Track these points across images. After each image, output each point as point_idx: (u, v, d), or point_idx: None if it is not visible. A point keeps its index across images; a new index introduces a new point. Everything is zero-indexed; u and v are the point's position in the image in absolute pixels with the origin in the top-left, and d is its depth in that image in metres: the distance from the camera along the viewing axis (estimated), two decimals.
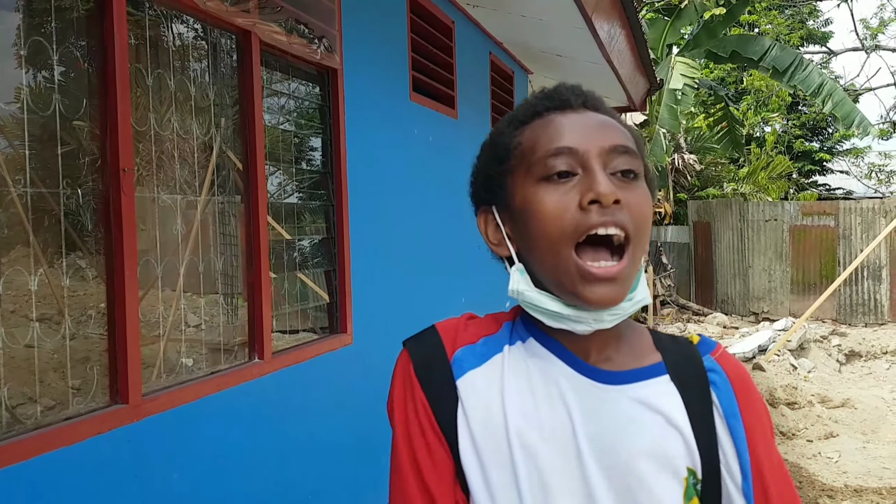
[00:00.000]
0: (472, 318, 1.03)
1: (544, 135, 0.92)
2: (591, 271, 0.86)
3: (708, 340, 0.99)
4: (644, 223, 0.90)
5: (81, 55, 1.88)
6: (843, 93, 11.40)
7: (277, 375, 2.62)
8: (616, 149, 0.90)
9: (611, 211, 0.86)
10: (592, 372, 0.93)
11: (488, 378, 0.94)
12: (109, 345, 1.91)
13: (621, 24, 4.88)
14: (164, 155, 2.19)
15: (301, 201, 3.03)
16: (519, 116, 0.98)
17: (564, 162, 0.89)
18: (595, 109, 0.95)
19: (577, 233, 0.87)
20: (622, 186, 0.88)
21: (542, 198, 0.89)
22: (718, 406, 0.93)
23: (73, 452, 1.73)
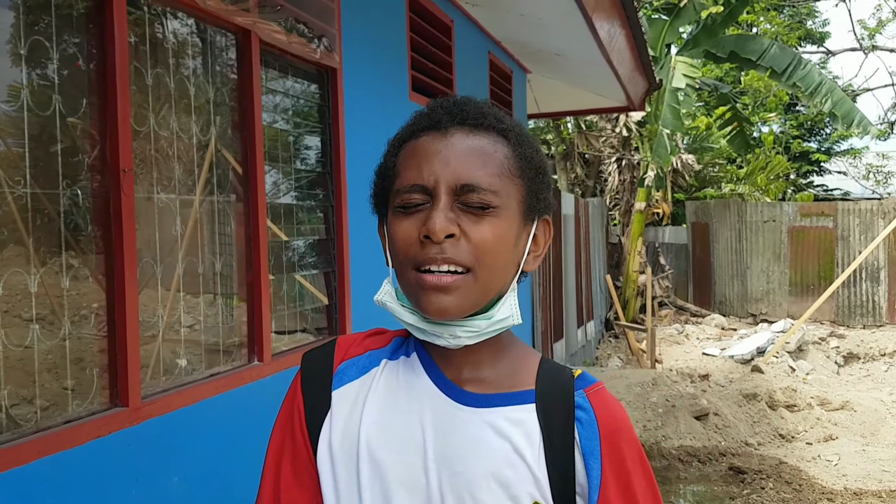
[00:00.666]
0: (376, 333, 1.07)
1: (407, 164, 0.95)
2: (426, 280, 0.90)
3: (588, 376, 0.99)
4: (489, 252, 0.91)
5: (81, 54, 1.87)
6: (842, 92, 11.40)
7: (277, 378, 2.60)
8: (465, 188, 0.91)
9: (445, 247, 0.89)
10: (454, 392, 0.95)
11: (359, 390, 0.98)
12: (109, 347, 1.90)
13: (621, 23, 4.87)
14: (163, 155, 2.17)
15: (300, 202, 3.02)
16: (401, 135, 1.01)
17: (417, 197, 0.92)
18: (473, 127, 0.94)
19: (415, 263, 0.91)
20: (468, 219, 0.90)
21: (396, 227, 0.94)
22: (579, 444, 0.93)
23: (72, 456, 1.71)
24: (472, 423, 0.93)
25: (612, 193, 13.73)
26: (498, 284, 0.93)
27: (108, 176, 1.88)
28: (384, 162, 1.02)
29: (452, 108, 0.96)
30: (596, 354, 10.79)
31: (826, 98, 10.92)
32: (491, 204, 0.91)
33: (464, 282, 0.90)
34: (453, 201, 0.91)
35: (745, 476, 5.62)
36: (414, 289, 0.92)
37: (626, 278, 12.76)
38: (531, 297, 6.93)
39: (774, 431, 6.57)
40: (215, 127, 2.39)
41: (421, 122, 0.98)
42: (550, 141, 15.01)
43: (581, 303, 9.97)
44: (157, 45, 2.16)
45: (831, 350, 10.30)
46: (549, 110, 7.93)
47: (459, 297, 0.90)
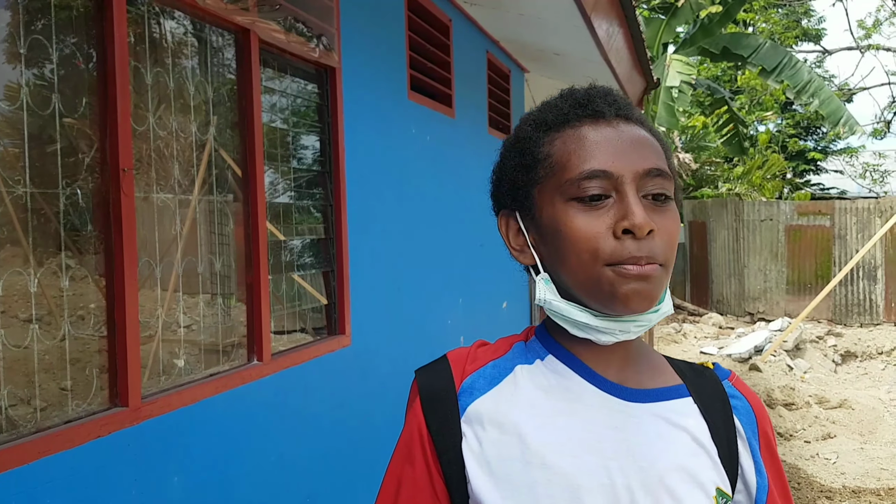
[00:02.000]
0: (483, 345, 1.02)
1: (577, 152, 0.88)
2: (628, 270, 0.85)
3: (720, 366, 1.00)
4: (674, 248, 0.89)
5: (80, 53, 1.86)
6: (829, 91, 11.42)
7: (276, 377, 2.60)
8: (650, 172, 0.88)
9: (646, 243, 0.85)
10: (615, 389, 0.92)
11: (499, 401, 0.93)
12: (109, 347, 1.89)
13: (619, 22, 4.87)
14: (162, 154, 2.17)
15: (299, 201, 3.01)
16: (548, 121, 0.94)
17: (598, 185, 0.87)
18: (628, 119, 0.92)
19: (612, 259, 0.86)
20: (654, 211, 0.87)
21: (572, 220, 0.87)
22: (741, 431, 0.94)
23: (72, 456, 1.70)
24: (643, 417, 0.91)
25: None
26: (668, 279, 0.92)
27: (107, 175, 1.88)
28: (524, 152, 0.94)
29: (609, 98, 0.93)
30: None
31: (813, 97, 10.96)
32: (668, 192, 0.90)
33: (659, 270, 0.87)
34: (638, 195, 0.87)
35: None
36: (609, 282, 0.86)
37: None
38: (529, 296, 6.94)
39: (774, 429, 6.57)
40: (214, 126, 2.38)
41: (576, 110, 0.92)
42: None
43: None
44: (157, 44, 2.16)
45: (829, 348, 10.32)
46: None
47: (658, 286, 0.87)
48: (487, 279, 5.22)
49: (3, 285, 1.62)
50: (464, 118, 4.76)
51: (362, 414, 3.27)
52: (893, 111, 20.38)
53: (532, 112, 0.99)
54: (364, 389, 3.30)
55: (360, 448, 3.25)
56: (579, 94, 0.94)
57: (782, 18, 19.30)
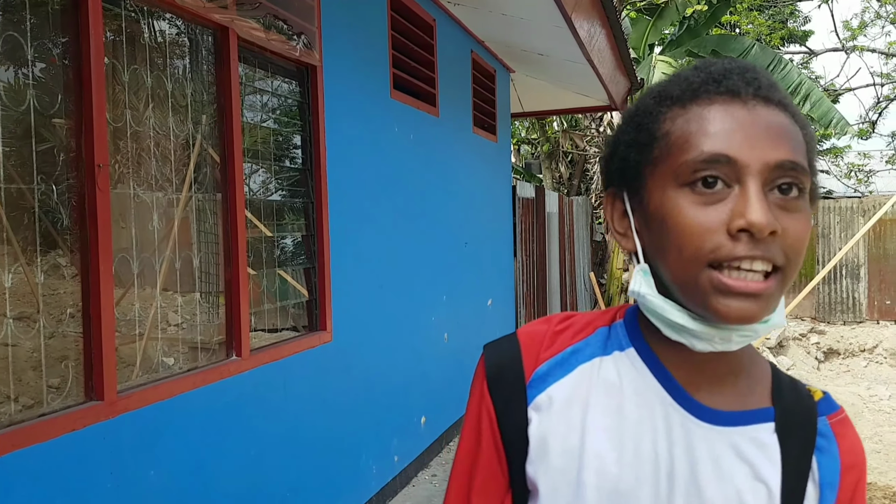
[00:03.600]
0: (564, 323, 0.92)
1: (700, 131, 0.78)
2: (728, 283, 0.75)
3: (831, 400, 0.88)
4: (800, 254, 0.77)
5: (56, 51, 1.88)
6: (820, 93, 11.50)
7: (255, 373, 2.61)
8: (783, 164, 0.76)
9: (763, 244, 0.74)
10: (693, 406, 0.84)
11: (571, 392, 0.86)
12: (85, 342, 1.91)
13: (601, 23, 4.91)
14: (141, 152, 2.18)
15: (281, 198, 3.03)
16: (673, 94, 0.82)
17: (718, 171, 0.76)
18: (766, 101, 0.79)
19: (717, 258, 0.75)
20: (782, 208, 0.76)
21: (682, 209, 0.77)
22: (816, 474, 0.85)
23: (47, 449, 1.72)
24: (713, 442, 0.83)
25: (596, 192, 13.80)
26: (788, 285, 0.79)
27: (83, 172, 1.89)
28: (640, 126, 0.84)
29: (747, 75, 0.81)
30: None
31: (804, 99, 11.03)
32: (802, 186, 0.78)
33: (772, 286, 0.76)
34: (763, 187, 0.76)
35: None
36: (704, 290, 0.76)
37: (610, 276, 12.83)
38: (514, 294, 6.97)
39: None
40: (193, 124, 2.40)
41: (707, 85, 0.81)
42: (535, 140, 15.06)
43: (565, 300, 10.02)
44: (134, 41, 2.17)
45: (812, 346, 10.41)
46: (533, 110, 7.97)
47: (766, 303, 0.76)
48: (472, 277, 5.25)
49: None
50: (448, 117, 4.79)
51: (343, 409, 3.29)
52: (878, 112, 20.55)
53: (659, 83, 0.88)
54: (345, 385, 3.32)
55: (341, 443, 3.27)
56: (715, 67, 0.83)
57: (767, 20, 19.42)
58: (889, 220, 11.70)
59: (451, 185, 4.85)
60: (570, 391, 0.86)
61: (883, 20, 19.15)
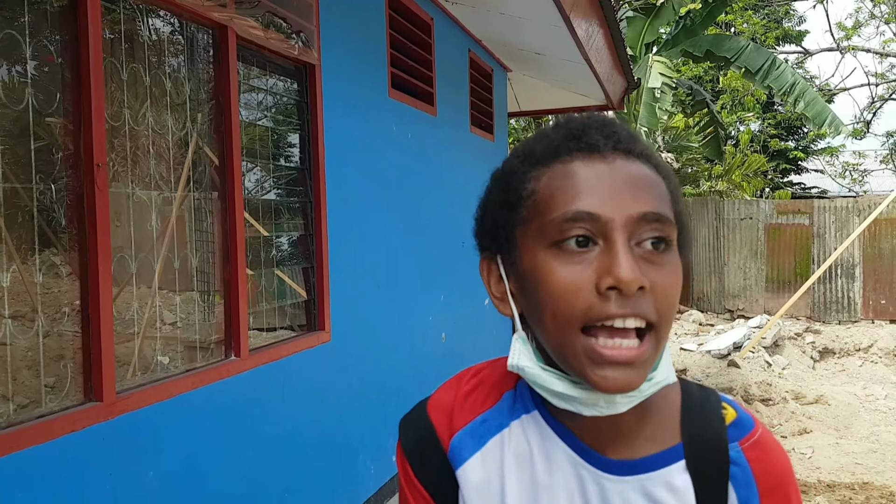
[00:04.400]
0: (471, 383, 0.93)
1: (563, 189, 0.78)
2: (602, 353, 0.75)
3: (744, 421, 0.87)
4: (671, 308, 0.77)
5: (55, 49, 1.86)
6: (815, 93, 11.52)
7: (254, 373, 2.60)
8: (646, 216, 0.76)
9: (633, 301, 0.74)
10: (602, 463, 0.84)
11: (486, 464, 0.87)
12: (83, 342, 1.89)
13: (599, 22, 4.90)
14: (139, 150, 2.17)
15: (279, 198, 3.02)
16: (536, 153, 0.83)
17: (583, 228, 0.76)
18: (627, 154, 0.80)
19: (589, 319, 0.75)
20: (650, 262, 0.76)
21: (552, 269, 0.76)
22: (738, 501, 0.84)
23: (45, 451, 1.71)
24: (626, 493, 0.83)
25: None
26: (664, 343, 0.79)
27: (82, 171, 1.88)
28: (507, 187, 0.84)
29: (605, 130, 0.81)
30: None
31: (798, 99, 11.05)
32: (669, 237, 0.78)
33: (646, 350, 0.76)
34: (630, 242, 0.76)
35: None
36: (580, 360, 0.76)
37: None
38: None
39: None
40: (192, 123, 2.39)
41: (567, 143, 0.81)
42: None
43: None
44: (133, 40, 2.16)
45: (807, 345, 10.43)
46: (530, 108, 7.96)
47: (642, 368, 0.76)
48: (469, 277, 5.24)
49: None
50: (446, 116, 4.78)
51: (341, 410, 3.28)
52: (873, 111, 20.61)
53: (523, 142, 0.88)
54: (343, 385, 3.31)
55: (339, 443, 3.26)
56: (574, 123, 0.83)
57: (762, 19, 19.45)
58: (884, 220, 11.74)
59: (448, 185, 4.84)
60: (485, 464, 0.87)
61: (877, 20, 19.20)
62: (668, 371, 0.82)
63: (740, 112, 19.00)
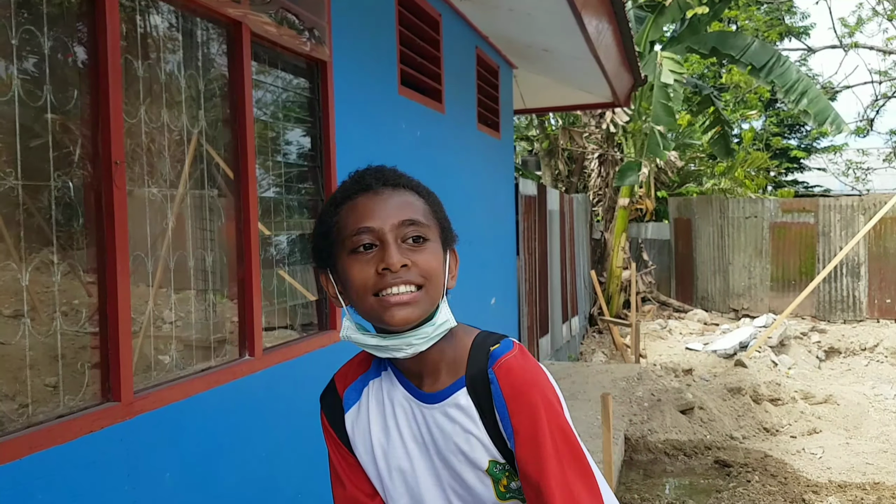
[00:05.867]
0: (359, 357, 1.32)
1: (352, 216, 1.16)
2: (388, 300, 1.13)
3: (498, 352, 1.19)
4: (433, 274, 1.16)
5: (72, 46, 1.84)
6: (818, 90, 11.48)
7: (268, 373, 2.58)
8: (404, 223, 1.15)
9: (401, 274, 1.13)
10: (421, 395, 1.22)
11: (360, 409, 1.28)
12: (101, 342, 1.87)
13: (609, 19, 4.88)
14: (153, 147, 2.15)
15: (290, 195, 3.00)
16: (338, 199, 1.20)
17: (367, 237, 1.14)
18: (393, 186, 1.19)
19: (375, 289, 1.14)
20: (412, 251, 1.15)
21: (351, 267, 1.15)
22: (497, 407, 1.17)
23: (64, 451, 1.69)
24: (435, 416, 1.21)
25: (594, 189, 13.78)
26: (437, 297, 1.17)
27: (99, 168, 1.86)
28: (323, 224, 1.21)
29: (375, 174, 1.20)
30: (580, 349, 10.83)
31: (801, 96, 11.01)
32: (426, 235, 1.17)
33: (418, 295, 1.14)
34: (398, 240, 1.14)
35: (730, 469, 5.66)
36: (377, 310, 1.14)
37: (609, 274, 12.82)
38: (517, 293, 6.94)
39: (759, 425, 6.62)
40: (205, 120, 2.36)
41: (352, 187, 1.20)
42: (534, 137, 15.03)
43: (566, 298, 10.00)
44: (149, 36, 2.14)
45: (813, 345, 10.40)
46: (535, 106, 7.94)
47: (417, 307, 1.14)
48: (476, 276, 5.22)
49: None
50: (453, 114, 4.76)
51: None
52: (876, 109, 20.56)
53: (333, 194, 1.25)
54: None
55: None
56: (358, 174, 1.22)
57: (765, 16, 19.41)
58: (889, 219, 11.70)
59: (455, 183, 4.82)
60: (359, 411, 1.28)
61: (880, 17, 19.15)
62: (446, 317, 1.18)
63: (743, 110, 18.97)
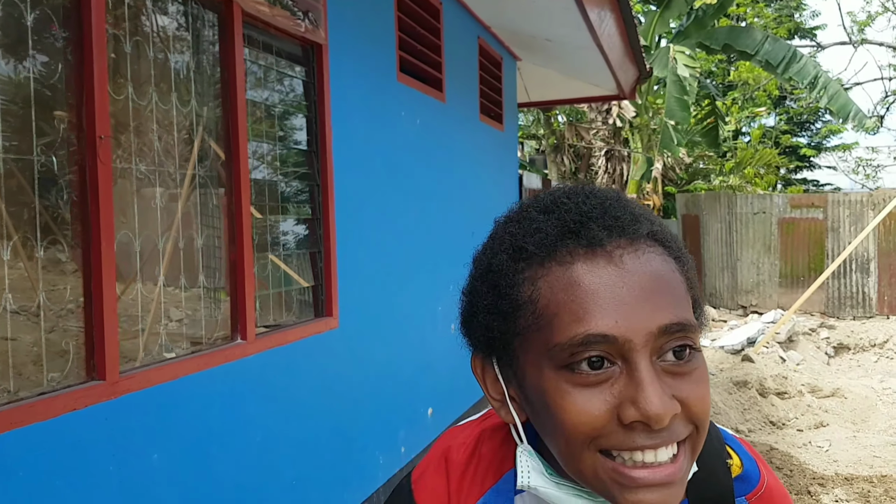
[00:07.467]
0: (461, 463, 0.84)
1: (568, 304, 0.67)
2: (632, 475, 0.66)
3: (751, 473, 0.82)
4: (706, 415, 0.69)
5: (56, 18, 1.81)
6: (837, 85, 11.36)
7: (261, 357, 2.55)
8: (669, 329, 0.67)
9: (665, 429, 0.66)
10: None
11: None
12: (86, 320, 1.85)
13: (611, 7, 4.83)
14: (140, 129, 2.12)
15: (284, 180, 2.97)
16: (528, 248, 0.71)
17: (598, 352, 0.66)
18: (633, 243, 0.70)
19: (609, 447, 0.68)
20: (676, 375, 0.68)
21: (564, 395, 0.67)
22: None
23: (47, 427, 1.66)
24: None
25: (602, 186, 13.72)
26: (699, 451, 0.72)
27: (84, 143, 1.83)
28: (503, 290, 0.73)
29: (606, 220, 0.70)
30: None
31: (822, 92, 10.89)
32: (695, 344, 0.69)
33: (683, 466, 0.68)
34: (653, 359, 0.67)
35: None
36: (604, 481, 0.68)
37: None
38: None
39: (765, 418, 6.56)
40: (198, 101, 2.34)
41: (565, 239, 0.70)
42: (541, 134, 14.99)
43: None
44: (136, 12, 2.11)
45: (822, 341, 10.31)
46: (540, 99, 7.90)
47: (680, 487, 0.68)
48: None
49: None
50: (455, 103, 4.72)
51: (350, 397, 3.23)
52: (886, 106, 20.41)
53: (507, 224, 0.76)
54: (352, 373, 3.26)
55: (348, 432, 3.21)
56: (571, 213, 0.71)
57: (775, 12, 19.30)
58: None
59: (457, 173, 4.78)
60: None
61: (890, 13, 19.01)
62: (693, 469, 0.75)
63: (751, 108, 18.86)
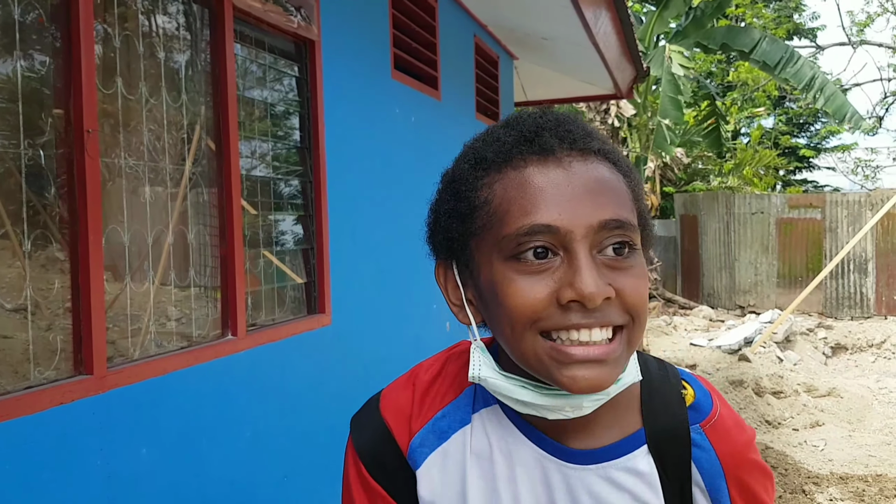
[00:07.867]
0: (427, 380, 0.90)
1: (518, 200, 0.74)
2: (569, 351, 0.72)
3: (703, 403, 0.86)
4: (642, 310, 0.75)
5: (44, 10, 1.81)
6: (834, 86, 11.37)
7: (252, 353, 2.55)
8: (608, 224, 0.73)
9: (598, 310, 0.72)
10: (564, 453, 0.83)
11: (447, 461, 0.85)
12: (73, 314, 1.84)
13: (606, 5, 4.83)
14: (131, 123, 2.12)
15: (276, 176, 2.96)
16: (487, 157, 0.79)
17: (542, 241, 0.73)
18: (583, 153, 0.76)
19: (548, 328, 0.73)
20: (614, 268, 0.73)
21: (510, 282, 0.73)
22: (701, 484, 0.84)
23: (32, 422, 1.66)
24: (590, 481, 0.82)
25: None
26: (637, 344, 0.78)
27: (71, 137, 1.83)
28: (457, 195, 0.81)
29: (559, 130, 0.77)
30: None
31: (818, 93, 10.89)
32: (634, 243, 0.75)
33: (617, 348, 0.74)
34: (592, 251, 0.73)
35: None
36: (544, 361, 0.74)
37: None
38: None
39: (761, 417, 6.56)
40: (189, 97, 2.33)
41: (519, 146, 0.77)
42: None
43: None
44: (125, 6, 2.11)
45: (819, 341, 10.31)
46: (537, 98, 7.89)
47: (614, 366, 0.74)
48: None
49: None
50: (450, 102, 4.72)
51: (342, 394, 3.23)
52: (885, 107, 20.42)
53: (472, 143, 0.84)
54: (344, 370, 3.26)
55: (340, 429, 3.20)
56: (526, 123, 0.79)
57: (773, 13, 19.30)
58: None
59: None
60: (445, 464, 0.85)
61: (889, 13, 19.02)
62: (634, 370, 0.81)
63: (750, 108, 18.86)
